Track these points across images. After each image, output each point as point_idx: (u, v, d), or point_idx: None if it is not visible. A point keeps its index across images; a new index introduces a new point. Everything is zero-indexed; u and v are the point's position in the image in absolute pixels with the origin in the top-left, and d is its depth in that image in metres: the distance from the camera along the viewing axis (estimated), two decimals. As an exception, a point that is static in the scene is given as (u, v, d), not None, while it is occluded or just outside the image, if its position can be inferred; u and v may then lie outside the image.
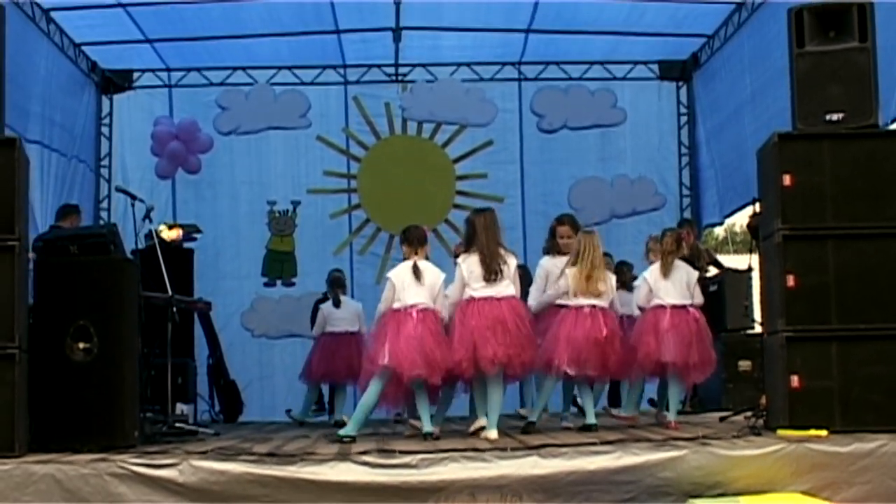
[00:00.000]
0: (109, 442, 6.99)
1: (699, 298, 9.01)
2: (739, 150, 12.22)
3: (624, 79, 14.30)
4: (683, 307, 8.80)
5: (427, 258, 8.46)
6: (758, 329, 9.63)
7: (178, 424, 8.71)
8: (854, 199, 7.32)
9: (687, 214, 14.27)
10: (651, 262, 9.22)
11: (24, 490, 6.32)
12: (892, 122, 8.75)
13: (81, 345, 7.17)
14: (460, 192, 14.18)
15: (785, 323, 7.27)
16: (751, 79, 12.21)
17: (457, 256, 8.59)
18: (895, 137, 7.64)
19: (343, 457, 6.62)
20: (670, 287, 8.83)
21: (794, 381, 7.16)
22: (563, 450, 6.66)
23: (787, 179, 7.34)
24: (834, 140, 7.41)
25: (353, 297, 12.38)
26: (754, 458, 6.58)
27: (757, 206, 8.38)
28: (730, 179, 13.04)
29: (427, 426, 7.94)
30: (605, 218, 13.96)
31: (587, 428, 8.29)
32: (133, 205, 9.10)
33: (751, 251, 9.38)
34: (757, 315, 9.44)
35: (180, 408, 9.93)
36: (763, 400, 7.99)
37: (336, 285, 11.29)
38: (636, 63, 14.24)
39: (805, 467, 6.56)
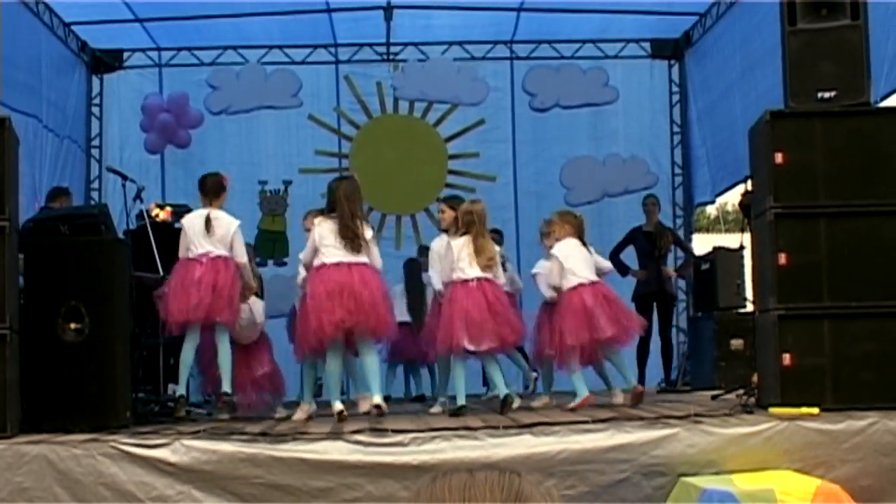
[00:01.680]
0: (101, 422, 6.98)
1: (606, 263, 9.12)
2: (731, 129, 12.22)
3: (616, 57, 14.25)
4: (597, 282, 8.86)
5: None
6: (750, 307, 9.64)
7: (169, 404, 8.71)
8: (846, 177, 7.32)
9: (679, 193, 14.30)
10: (548, 247, 9.18)
11: (15, 471, 6.32)
12: (883, 99, 8.74)
13: (73, 325, 7.16)
14: (452, 172, 14.15)
15: (777, 301, 7.27)
16: (741, 57, 12.19)
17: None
18: (887, 115, 7.64)
19: (335, 436, 6.64)
20: (581, 263, 8.84)
21: (786, 359, 7.16)
22: (556, 428, 6.68)
23: (779, 157, 7.34)
24: (826, 118, 7.40)
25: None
26: (747, 436, 6.61)
27: (749, 185, 8.37)
28: (721, 158, 13.04)
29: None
30: (597, 197, 13.95)
31: (504, 401, 8.28)
32: (124, 185, 9.08)
33: (742, 230, 9.40)
34: (749, 293, 9.45)
35: (172, 388, 9.92)
36: (755, 378, 8.00)
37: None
38: (628, 42, 14.20)
39: (797, 445, 6.59)
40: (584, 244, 9.11)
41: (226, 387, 8.17)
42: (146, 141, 13.69)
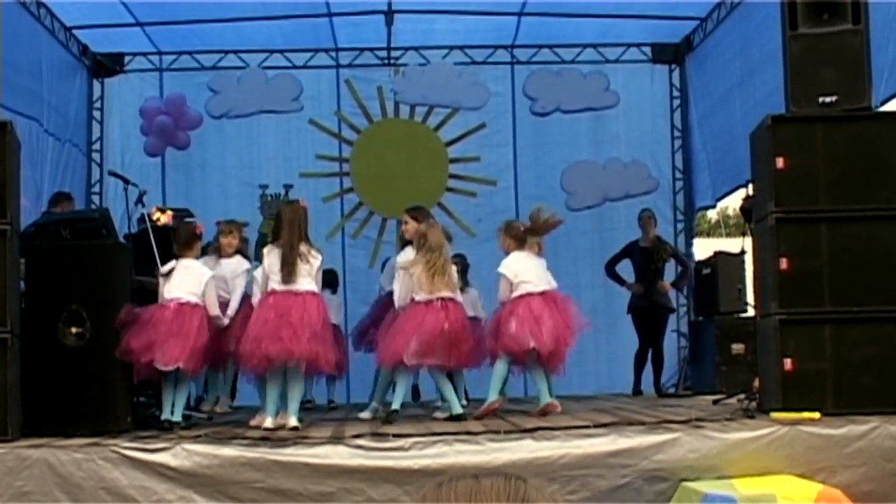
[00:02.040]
0: (102, 426, 6.99)
1: (553, 283, 8.98)
2: (731, 134, 12.22)
3: (617, 62, 14.24)
4: (547, 291, 8.79)
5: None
6: (751, 312, 9.64)
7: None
8: (847, 182, 7.33)
9: (680, 198, 14.28)
10: (506, 252, 9.16)
11: (16, 475, 6.32)
12: (883, 103, 8.74)
13: (74, 329, 7.17)
14: (453, 176, 14.14)
15: (778, 306, 7.28)
16: (742, 62, 12.19)
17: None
18: (888, 119, 7.64)
19: (336, 440, 6.64)
20: (532, 273, 8.80)
21: (787, 363, 7.17)
22: (557, 433, 6.68)
23: (780, 162, 7.34)
24: (827, 122, 7.41)
25: (345, 281, 12.39)
26: (748, 440, 6.61)
27: (750, 189, 8.37)
28: (722, 162, 13.03)
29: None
30: (598, 201, 13.95)
31: (455, 418, 8.25)
32: (125, 189, 9.07)
33: (743, 234, 9.39)
34: (750, 298, 9.45)
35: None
36: (756, 383, 8.00)
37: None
38: (629, 46, 14.18)
39: (799, 450, 6.59)
40: (540, 249, 9.09)
41: (177, 416, 8.00)
42: (145, 144, 13.68)
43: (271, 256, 8.04)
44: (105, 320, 7.26)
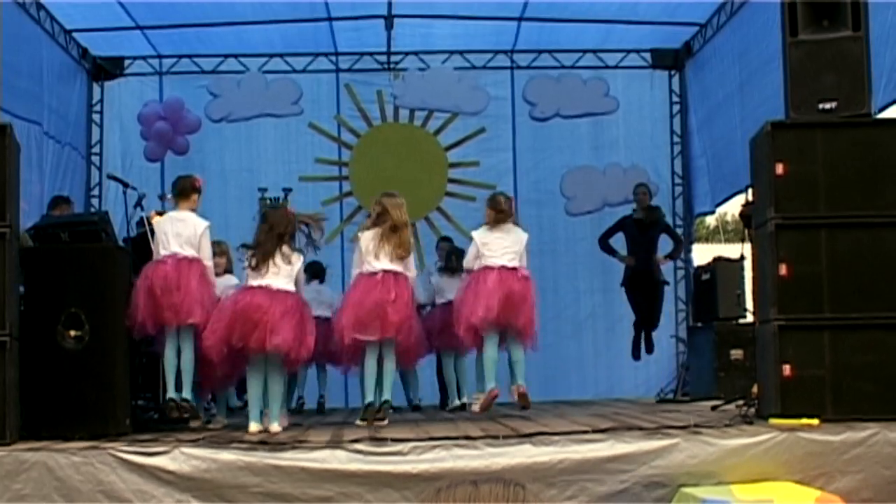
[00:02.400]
0: (101, 430, 6.98)
1: (524, 261, 8.99)
2: (730, 139, 12.23)
3: (616, 67, 14.27)
4: (513, 269, 8.78)
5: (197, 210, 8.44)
6: (750, 318, 9.64)
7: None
8: (847, 188, 7.31)
9: (679, 203, 14.29)
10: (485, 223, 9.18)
11: (14, 478, 6.31)
12: (881, 110, 8.74)
13: (73, 332, 7.16)
14: (452, 180, 14.16)
15: (777, 312, 7.26)
16: (741, 67, 12.21)
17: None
18: (888, 126, 7.64)
19: (335, 444, 6.63)
20: (498, 249, 8.80)
21: (786, 369, 7.15)
22: (555, 438, 6.67)
23: (779, 168, 7.33)
24: (827, 129, 7.40)
25: (342, 284, 12.36)
26: (747, 446, 6.60)
27: (749, 194, 8.37)
28: (721, 168, 13.05)
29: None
30: (597, 206, 13.96)
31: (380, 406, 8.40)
32: (125, 192, 9.06)
33: (742, 240, 9.40)
34: (749, 304, 9.45)
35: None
36: (755, 389, 7.99)
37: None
38: (629, 51, 14.21)
39: (797, 456, 6.58)
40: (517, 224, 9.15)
41: (185, 393, 8.05)
42: (145, 150, 13.70)
43: (249, 255, 8.18)
44: (104, 323, 7.26)
